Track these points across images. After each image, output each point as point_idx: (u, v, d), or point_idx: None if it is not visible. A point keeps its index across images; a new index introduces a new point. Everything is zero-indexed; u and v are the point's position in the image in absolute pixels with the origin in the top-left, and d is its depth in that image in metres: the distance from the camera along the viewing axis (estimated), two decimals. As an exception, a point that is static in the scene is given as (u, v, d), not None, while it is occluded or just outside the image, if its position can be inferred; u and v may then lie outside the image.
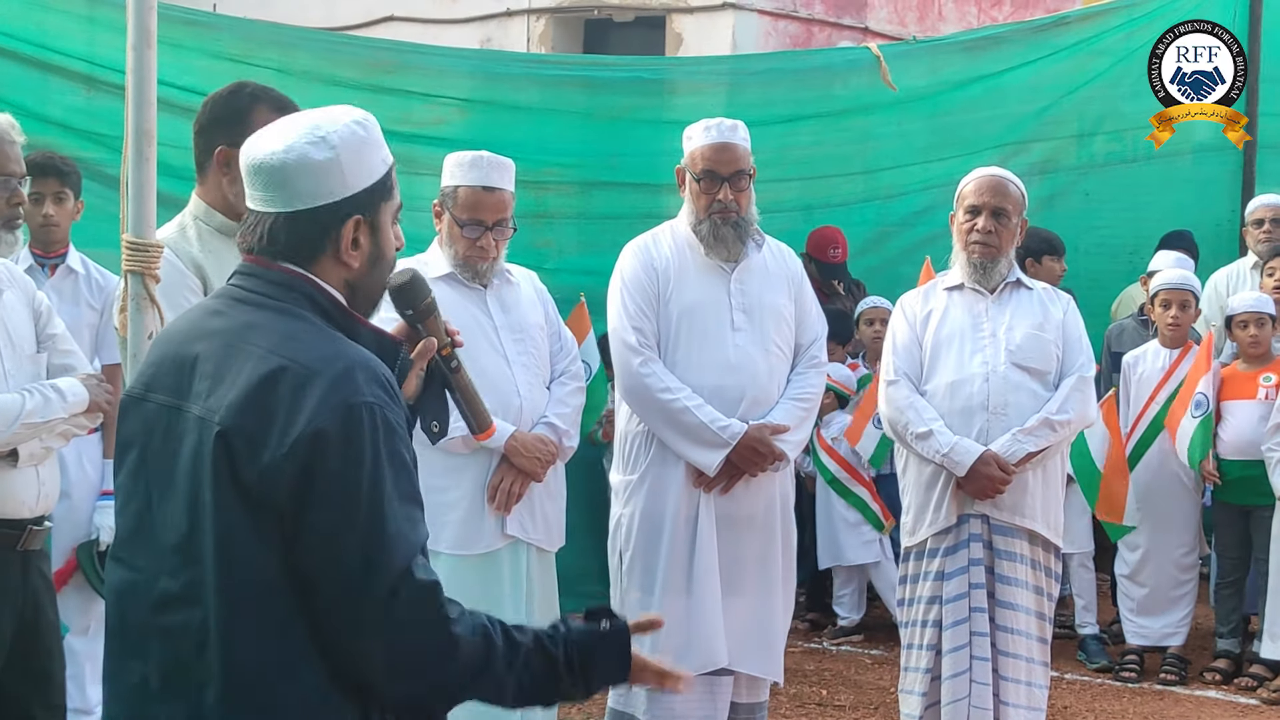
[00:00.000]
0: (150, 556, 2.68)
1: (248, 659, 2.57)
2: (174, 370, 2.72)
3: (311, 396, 2.57)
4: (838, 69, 9.39)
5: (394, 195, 2.86)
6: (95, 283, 6.22)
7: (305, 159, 2.71)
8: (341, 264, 2.77)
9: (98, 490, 6.12)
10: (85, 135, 7.16)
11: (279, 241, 2.75)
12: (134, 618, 2.70)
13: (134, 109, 3.90)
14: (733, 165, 5.54)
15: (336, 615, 2.58)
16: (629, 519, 5.55)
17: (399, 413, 2.69)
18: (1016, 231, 5.80)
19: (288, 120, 2.81)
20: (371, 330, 2.84)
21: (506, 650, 2.69)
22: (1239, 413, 7.65)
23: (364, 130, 2.79)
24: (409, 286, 3.06)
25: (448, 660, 2.63)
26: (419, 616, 2.60)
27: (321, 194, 2.73)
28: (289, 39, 8.29)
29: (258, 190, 2.76)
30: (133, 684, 2.69)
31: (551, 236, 8.68)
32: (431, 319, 3.09)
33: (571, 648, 2.77)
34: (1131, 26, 9.75)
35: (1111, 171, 9.91)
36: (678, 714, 5.46)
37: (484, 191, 5.30)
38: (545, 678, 2.75)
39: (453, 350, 3.12)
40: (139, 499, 2.74)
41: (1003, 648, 5.64)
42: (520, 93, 8.71)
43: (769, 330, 5.58)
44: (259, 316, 2.70)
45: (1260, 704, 7.46)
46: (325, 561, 2.56)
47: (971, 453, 5.58)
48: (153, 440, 2.72)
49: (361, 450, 2.57)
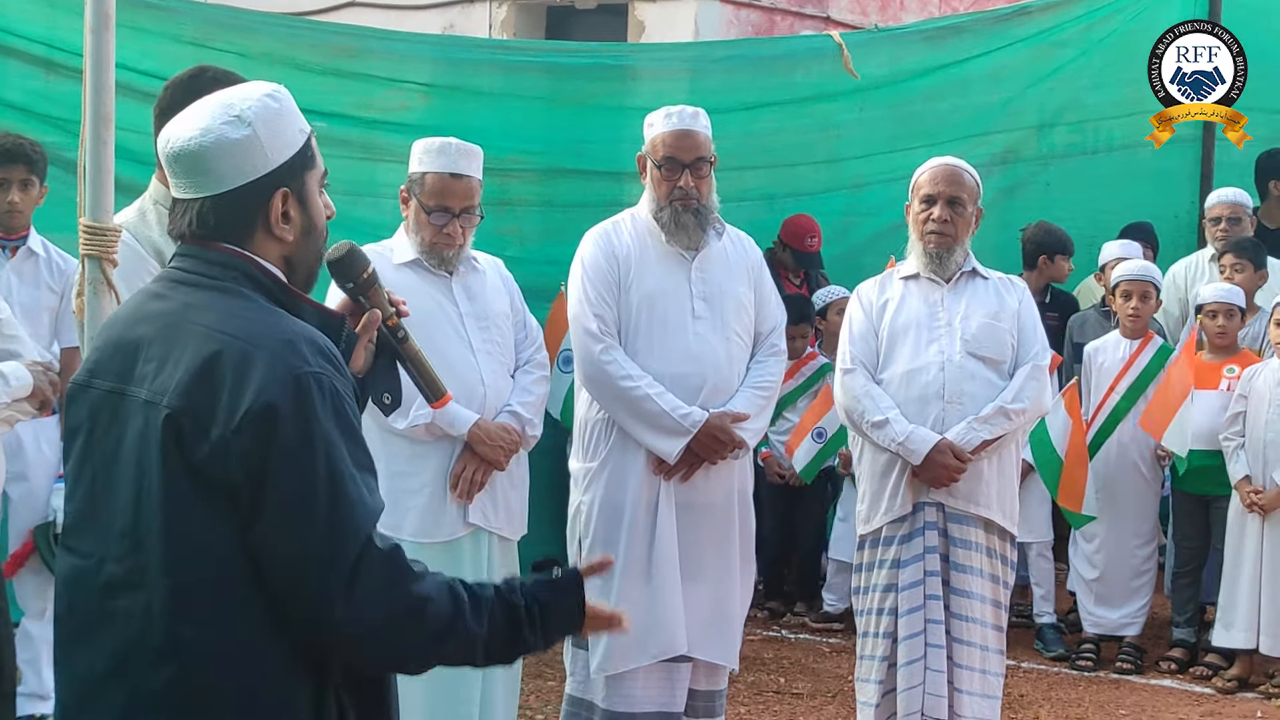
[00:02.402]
0: (96, 542, 2.68)
1: (199, 641, 2.57)
2: (118, 355, 2.72)
3: (256, 371, 2.56)
4: (800, 57, 9.39)
5: (317, 163, 2.85)
6: (56, 265, 6.21)
7: (223, 140, 2.70)
8: (275, 239, 2.77)
9: (55, 472, 6.11)
10: (43, 119, 7.12)
11: (209, 224, 2.74)
12: (81, 604, 2.70)
13: (92, 93, 3.87)
14: (693, 152, 5.53)
15: (302, 589, 2.58)
16: (589, 506, 5.55)
17: (346, 383, 2.69)
18: (971, 221, 5.82)
19: (199, 104, 2.79)
20: (314, 306, 2.83)
21: (472, 605, 2.71)
22: (1201, 403, 7.67)
23: (277, 102, 2.77)
24: (347, 259, 3.06)
25: (417, 621, 2.64)
26: (385, 580, 2.60)
27: (244, 172, 2.72)
28: (250, 23, 8.25)
29: (180, 178, 2.75)
30: (81, 670, 2.69)
31: (515, 224, 8.67)
32: (374, 290, 3.08)
33: (529, 598, 2.80)
34: (1092, 18, 9.79)
35: (1072, 163, 9.95)
36: (636, 701, 5.47)
37: (451, 178, 5.28)
38: (510, 630, 2.77)
39: (399, 320, 3.11)
40: (85, 485, 2.73)
41: (958, 635, 5.65)
42: (483, 78, 8.69)
43: (729, 318, 5.59)
44: (200, 297, 2.70)
45: (1215, 693, 7.52)
46: (288, 536, 2.56)
47: (927, 441, 5.60)
48: (97, 426, 2.72)
49: (313, 421, 2.57)
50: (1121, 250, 8.66)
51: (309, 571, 2.57)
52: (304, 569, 2.57)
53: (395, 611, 2.62)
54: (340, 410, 2.63)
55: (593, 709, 5.54)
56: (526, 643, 2.82)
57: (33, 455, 6.09)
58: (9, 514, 6.09)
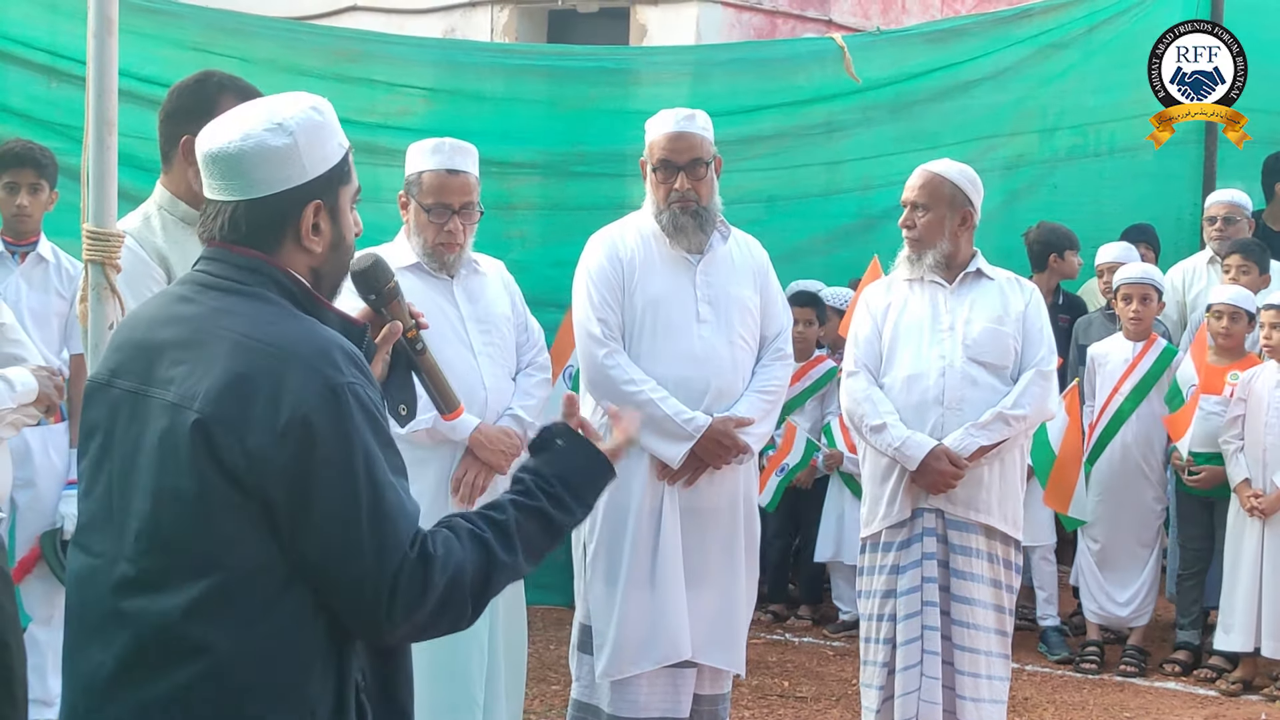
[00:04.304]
0: (110, 542, 2.68)
1: (222, 641, 2.57)
2: (140, 356, 2.72)
3: (292, 379, 2.58)
4: (801, 59, 9.39)
5: (352, 179, 2.87)
6: (65, 271, 6.23)
7: (263, 146, 2.71)
8: (303, 250, 2.78)
9: (63, 479, 6.12)
10: (47, 126, 7.14)
11: (240, 229, 2.76)
12: (93, 603, 2.70)
13: (95, 97, 3.87)
14: (688, 154, 5.52)
15: (349, 604, 2.63)
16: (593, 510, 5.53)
17: (376, 391, 2.72)
18: (946, 224, 5.75)
19: (243, 108, 2.81)
20: (337, 314, 2.85)
21: (500, 541, 2.77)
22: (1206, 407, 7.67)
23: (320, 116, 2.79)
24: (371, 271, 3.07)
25: (458, 595, 2.70)
26: (421, 582, 2.64)
27: (280, 180, 2.73)
28: (252, 28, 8.28)
29: (216, 180, 2.76)
30: (90, 669, 2.68)
31: (518, 227, 8.67)
32: (395, 302, 3.11)
33: (547, 484, 2.88)
34: (1094, 20, 9.78)
35: (1075, 165, 9.94)
36: (641, 705, 5.46)
37: (449, 174, 5.28)
38: (543, 531, 2.86)
39: (418, 332, 3.13)
40: (101, 485, 2.73)
41: (959, 642, 5.64)
42: (484, 82, 8.71)
43: (734, 322, 5.58)
44: (228, 302, 2.70)
45: (1219, 695, 7.50)
46: (333, 553, 2.59)
47: (923, 447, 5.59)
48: (116, 426, 2.72)
49: (352, 432, 2.60)
50: (1117, 254, 8.65)
51: (353, 588, 2.61)
52: (348, 586, 2.62)
53: (434, 602, 2.66)
54: (374, 419, 2.65)
55: (598, 714, 5.53)
56: (566, 524, 2.92)
57: (40, 462, 6.09)
58: (16, 520, 6.09)
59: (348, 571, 2.60)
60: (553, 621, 8.24)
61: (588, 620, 5.54)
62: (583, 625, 5.58)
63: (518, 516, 2.81)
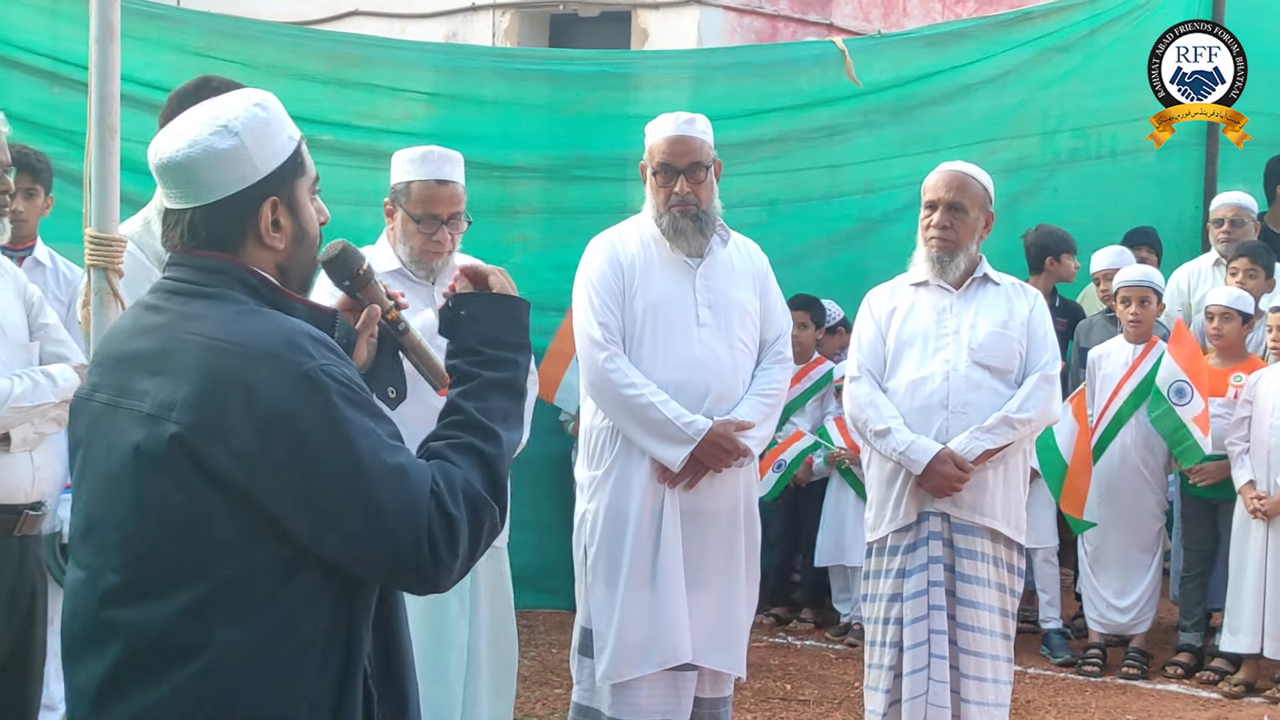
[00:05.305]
0: (94, 553, 2.69)
1: (218, 643, 2.57)
2: (117, 369, 2.72)
3: (263, 374, 2.57)
4: (802, 63, 9.40)
5: (307, 170, 2.85)
6: (62, 276, 6.22)
7: (211, 150, 2.70)
8: (266, 247, 2.77)
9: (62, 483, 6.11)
10: (49, 131, 7.14)
11: (200, 235, 2.75)
12: (83, 614, 2.70)
13: (97, 102, 3.88)
14: (688, 158, 5.53)
15: (393, 570, 2.65)
16: (594, 514, 5.54)
17: (350, 368, 2.70)
18: (977, 226, 5.80)
19: (188, 114, 2.80)
20: (304, 304, 2.83)
21: (479, 434, 2.80)
22: (1211, 409, 7.67)
23: (265, 112, 2.77)
24: (341, 258, 3.05)
25: (484, 511, 2.73)
26: (448, 526, 2.65)
27: (233, 182, 2.72)
28: (253, 33, 8.28)
29: (170, 189, 2.75)
30: (87, 679, 2.68)
31: (519, 231, 8.68)
32: (370, 286, 3.08)
33: (477, 354, 2.91)
34: (1095, 23, 9.78)
35: (1076, 168, 9.94)
36: (642, 708, 5.46)
37: (437, 185, 5.28)
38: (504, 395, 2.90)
39: (398, 313, 3.12)
40: (84, 496, 2.74)
41: (965, 645, 5.64)
42: (486, 87, 8.71)
43: (734, 326, 5.58)
44: (193, 306, 2.70)
45: (1221, 698, 7.51)
46: (356, 538, 2.59)
47: (928, 451, 5.59)
48: (94, 439, 2.72)
49: (335, 411, 2.58)
50: (1111, 259, 8.65)
51: (392, 560, 2.62)
52: (385, 561, 2.62)
53: (466, 530, 2.68)
54: (354, 393, 2.63)
55: (599, 717, 5.53)
56: (517, 375, 2.94)
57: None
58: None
59: (380, 551, 2.60)
60: (554, 625, 8.25)
61: (588, 623, 5.54)
62: (583, 628, 5.58)
63: (476, 405, 2.83)
